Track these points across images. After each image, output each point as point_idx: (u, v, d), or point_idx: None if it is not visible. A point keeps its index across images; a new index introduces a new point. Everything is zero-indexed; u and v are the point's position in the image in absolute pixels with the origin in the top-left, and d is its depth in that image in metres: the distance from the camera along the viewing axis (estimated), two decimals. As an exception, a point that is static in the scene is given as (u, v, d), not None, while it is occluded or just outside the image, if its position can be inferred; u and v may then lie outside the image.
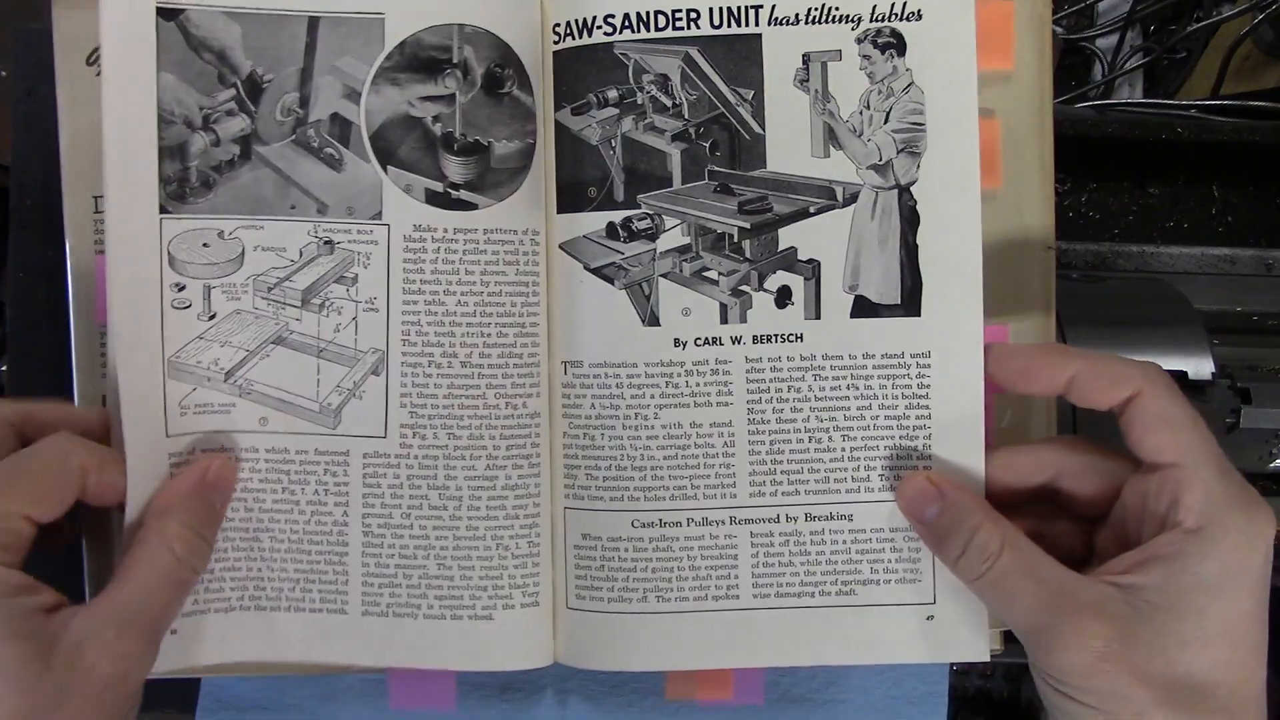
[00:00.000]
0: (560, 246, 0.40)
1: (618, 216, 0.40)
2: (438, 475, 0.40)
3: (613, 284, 0.40)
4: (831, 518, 0.40)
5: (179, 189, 0.39)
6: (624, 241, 0.40)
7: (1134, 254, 0.62)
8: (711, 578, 0.41)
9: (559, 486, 0.42)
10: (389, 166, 0.40)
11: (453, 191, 0.40)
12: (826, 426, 0.40)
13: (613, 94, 0.40)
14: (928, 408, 0.39)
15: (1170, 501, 0.34)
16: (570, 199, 0.40)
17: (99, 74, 0.39)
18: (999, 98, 0.41)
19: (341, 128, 0.40)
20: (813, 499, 0.40)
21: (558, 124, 0.40)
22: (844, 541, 0.40)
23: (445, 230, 0.40)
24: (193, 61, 0.39)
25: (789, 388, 0.40)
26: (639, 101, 0.40)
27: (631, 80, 0.40)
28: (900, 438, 0.40)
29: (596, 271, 0.40)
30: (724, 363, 0.40)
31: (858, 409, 0.40)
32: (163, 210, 0.39)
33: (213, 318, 0.40)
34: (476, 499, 0.40)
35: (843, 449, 0.40)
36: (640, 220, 0.40)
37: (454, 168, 0.40)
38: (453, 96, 0.40)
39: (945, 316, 0.39)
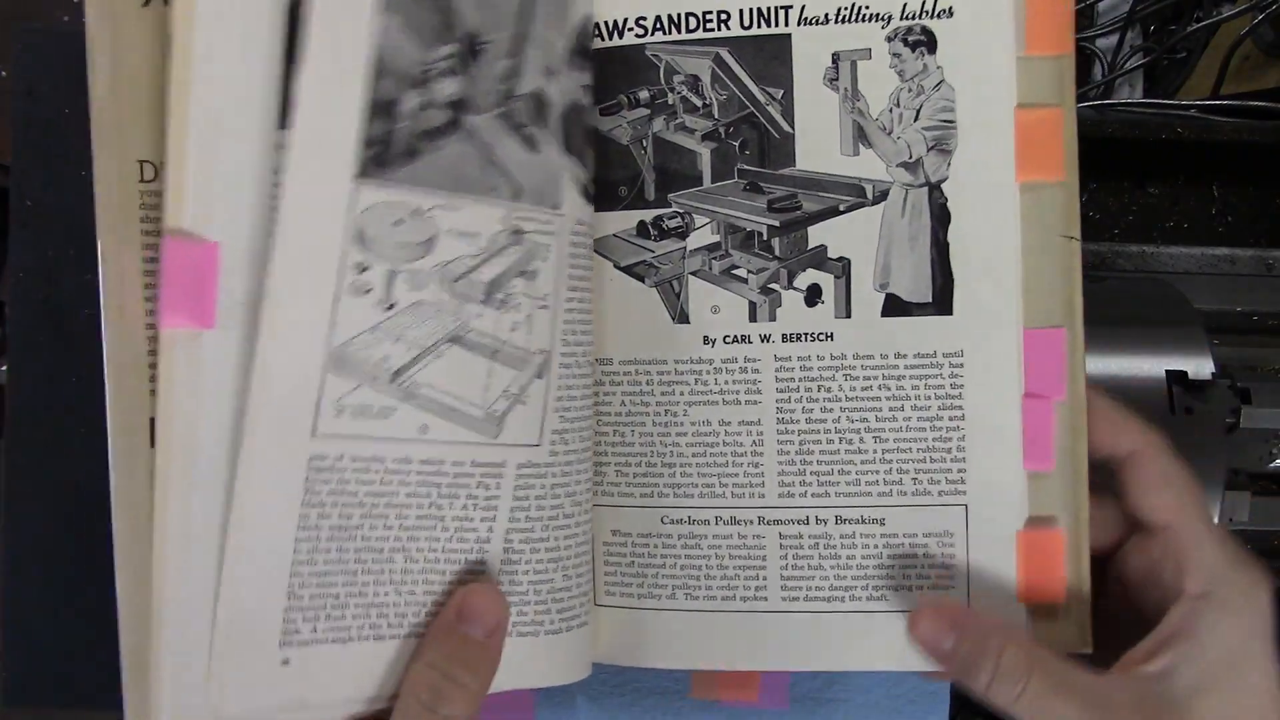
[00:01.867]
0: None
1: (648, 215, 0.40)
2: (572, 483, 0.39)
3: (643, 281, 0.40)
4: (863, 521, 0.40)
5: (381, 153, 0.34)
6: (654, 240, 0.40)
7: (1134, 254, 0.63)
8: (740, 578, 0.40)
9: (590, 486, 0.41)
10: (569, 155, 0.38)
11: (589, 186, 0.40)
12: (858, 427, 0.39)
13: (644, 94, 0.40)
14: (961, 409, 0.39)
15: (1175, 567, 0.35)
16: (602, 198, 0.40)
17: (164, 3, 0.33)
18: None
19: (539, 106, 0.38)
20: (843, 501, 0.40)
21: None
22: (875, 546, 0.39)
23: (585, 225, 0.39)
24: (418, 6, 0.35)
25: (819, 387, 0.39)
26: (670, 102, 0.40)
27: (662, 81, 0.40)
28: (933, 440, 0.39)
29: (627, 269, 0.40)
30: (753, 361, 0.40)
31: (889, 410, 0.39)
32: (361, 175, 0.34)
33: (391, 307, 0.35)
34: (587, 503, 0.40)
35: (874, 451, 0.39)
36: (671, 219, 0.40)
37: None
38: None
39: (978, 315, 0.39)
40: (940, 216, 0.39)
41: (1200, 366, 0.51)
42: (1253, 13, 0.67)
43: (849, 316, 0.39)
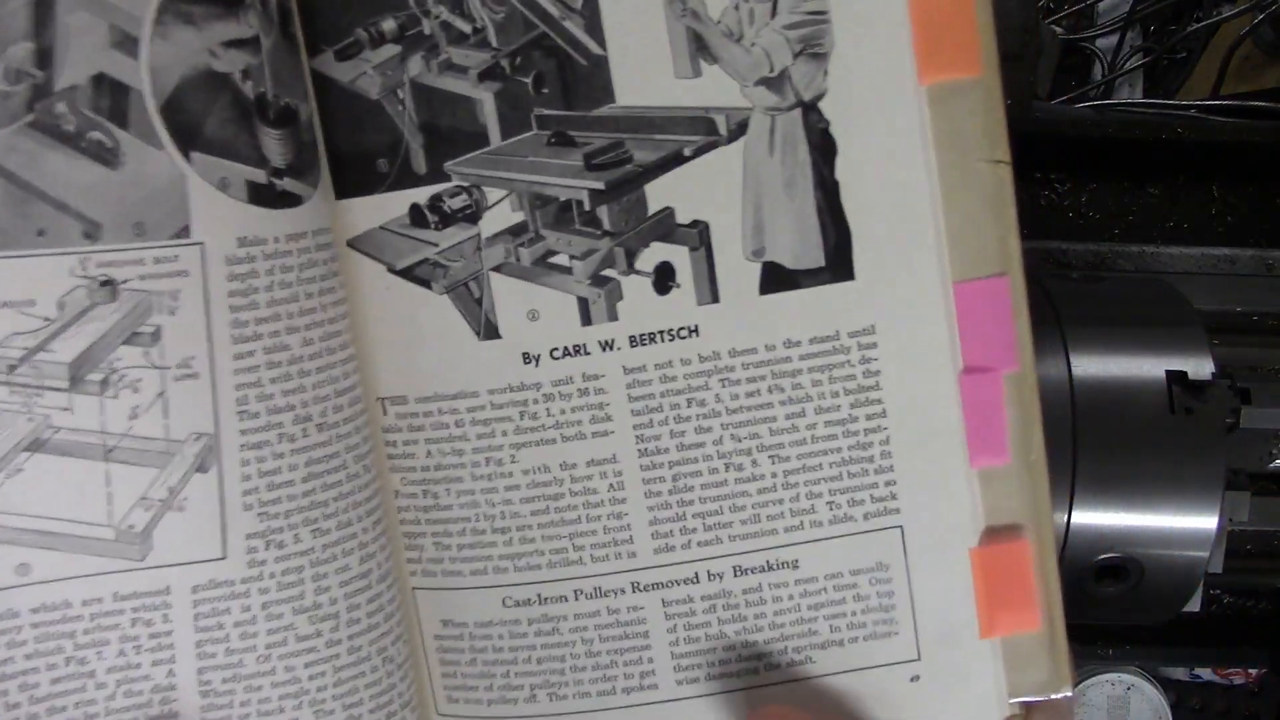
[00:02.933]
0: (349, 244, 0.30)
1: (422, 195, 0.30)
2: (305, 593, 0.29)
3: (429, 288, 0.30)
4: (769, 568, 0.31)
5: None
6: (436, 229, 0.30)
7: (1134, 254, 0.62)
8: (618, 664, 0.32)
9: (401, 562, 0.32)
10: (193, 152, 0.27)
11: (276, 181, 0.28)
12: (747, 448, 0.30)
13: (389, 25, 0.29)
14: (880, 402, 0.30)
15: None
16: (354, 178, 0.30)
17: None
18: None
19: (113, 97, 0.27)
20: (741, 546, 0.31)
21: (318, 75, 0.30)
22: (790, 597, 0.31)
23: (277, 240, 0.28)
24: None
25: (688, 401, 0.30)
26: (426, 30, 0.29)
27: (412, 3, 0.29)
28: (849, 449, 0.30)
29: (406, 273, 0.30)
30: (594, 378, 0.30)
31: (786, 418, 0.30)
32: None
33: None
34: (355, 609, 0.30)
35: (773, 475, 0.30)
36: (453, 197, 0.30)
37: (272, 145, 0.28)
38: (257, 40, 0.28)
39: (888, 275, 0.30)
40: (822, 146, 0.30)
41: (1200, 366, 0.51)
42: (1253, 13, 0.67)
43: (716, 301, 0.30)
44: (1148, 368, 0.50)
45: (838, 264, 0.30)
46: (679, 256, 0.30)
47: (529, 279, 0.30)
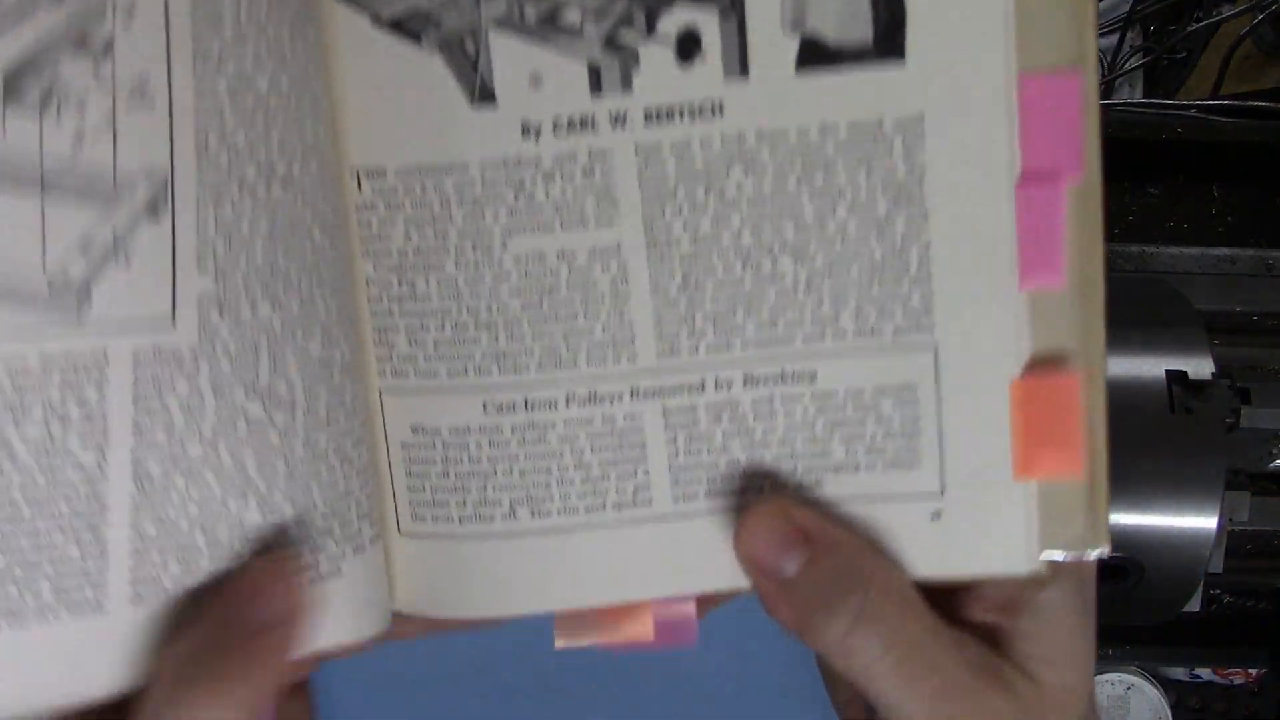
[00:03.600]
0: None
1: None
2: (260, 373, 0.26)
3: (418, 42, 0.26)
4: (784, 379, 0.28)
5: None
6: None
7: (1134, 254, 0.62)
8: (609, 478, 0.28)
9: (367, 360, 0.29)
10: None
11: None
12: (768, 245, 0.27)
13: None
14: (923, 204, 0.26)
15: None
16: None
17: None
18: None
19: None
20: (754, 353, 0.28)
21: None
22: (804, 413, 0.28)
23: None
24: None
25: (706, 189, 0.26)
26: None
27: None
28: (884, 254, 0.27)
29: (393, 25, 0.26)
30: (602, 156, 0.26)
31: (815, 215, 0.27)
32: None
33: None
34: (315, 399, 0.27)
35: (795, 277, 0.27)
36: None
37: None
38: None
39: (945, 59, 0.26)
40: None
41: (1200, 366, 0.51)
42: (1253, 13, 0.67)
43: (745, 74, 0.26)
44: (1148, 367, 0.50)
45: (887, 42, 0.26)
46: (707, 22, 0.26)
47: (533, 40, 0.26)
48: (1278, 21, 0.67)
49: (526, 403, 0.28)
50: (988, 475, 0.28)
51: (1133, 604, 0.48)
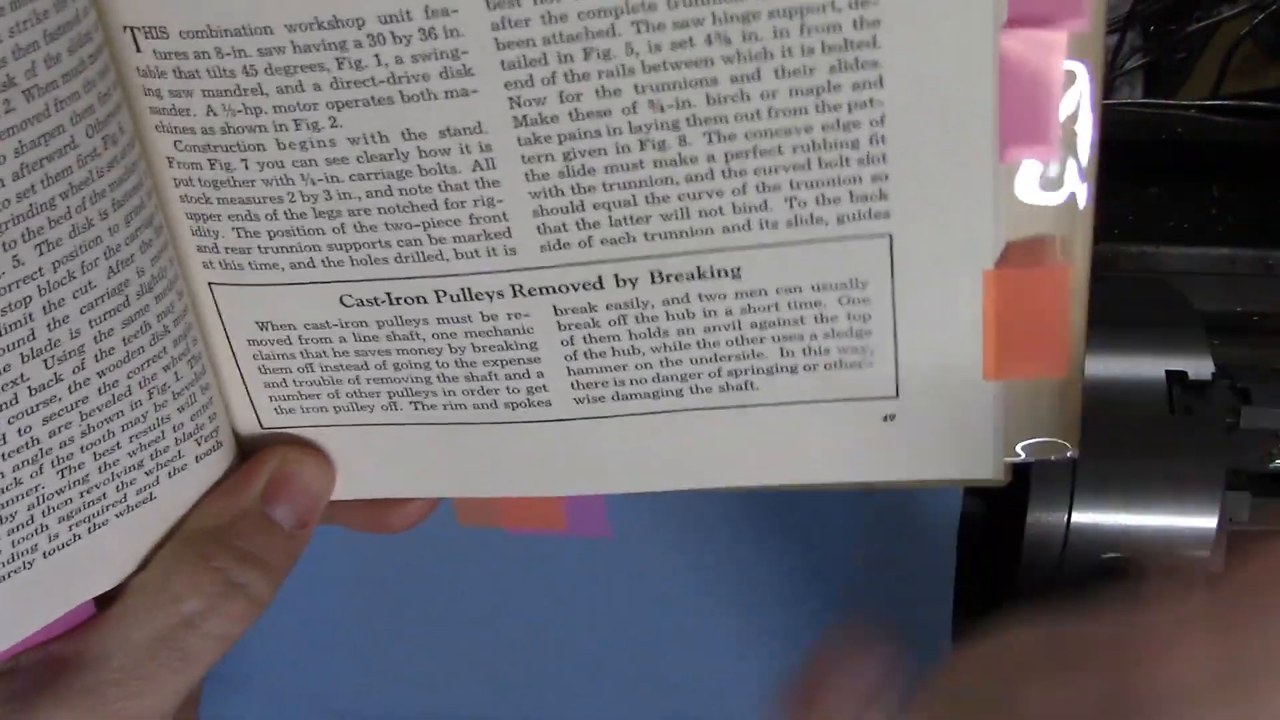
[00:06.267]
0: None
1: None
2: (36, 332, 0.22)
3: None
4: (699, 275, 0.24)
5: None
6: None
7: (1134, 254, 0.62)
8: (497, 377, 0.26)
9: (189, 250, 0.25)
10: None
11: None
12: (673, 120, 0.22)
13: None
14: (876, 66, 0.21)
15: None
16: None
17: None
18: None
19: None
20: (662, 248, 0.24)
21: None
22: (728, 312, 0.24)
23: None
24: None
25: (585, 52, 0.21)
26: None
27: None
28: (824, 128, 0.22)
29: None
30: (443, 14, 0.21)
31: (733, 81, 0.22)
32: None
33: None
34: (106, 337, 0.24)
35: (709, 158, 0.23)
36: None
37: None
38: None
39: None
40: None
41: (1200, 366, 0.51)
42: (1253, 13, 0.67)
43: None
44: (1148, 368, 0.50)
45: None
46: None
47: None
48: (1278, 21, 0.67)
49: (391, 297, 0.25)
50: (952, 376, 0.25)
51: (1133, 604, 0.48)
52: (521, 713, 0.43)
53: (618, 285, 0.24)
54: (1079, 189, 0.23)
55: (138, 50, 0.22)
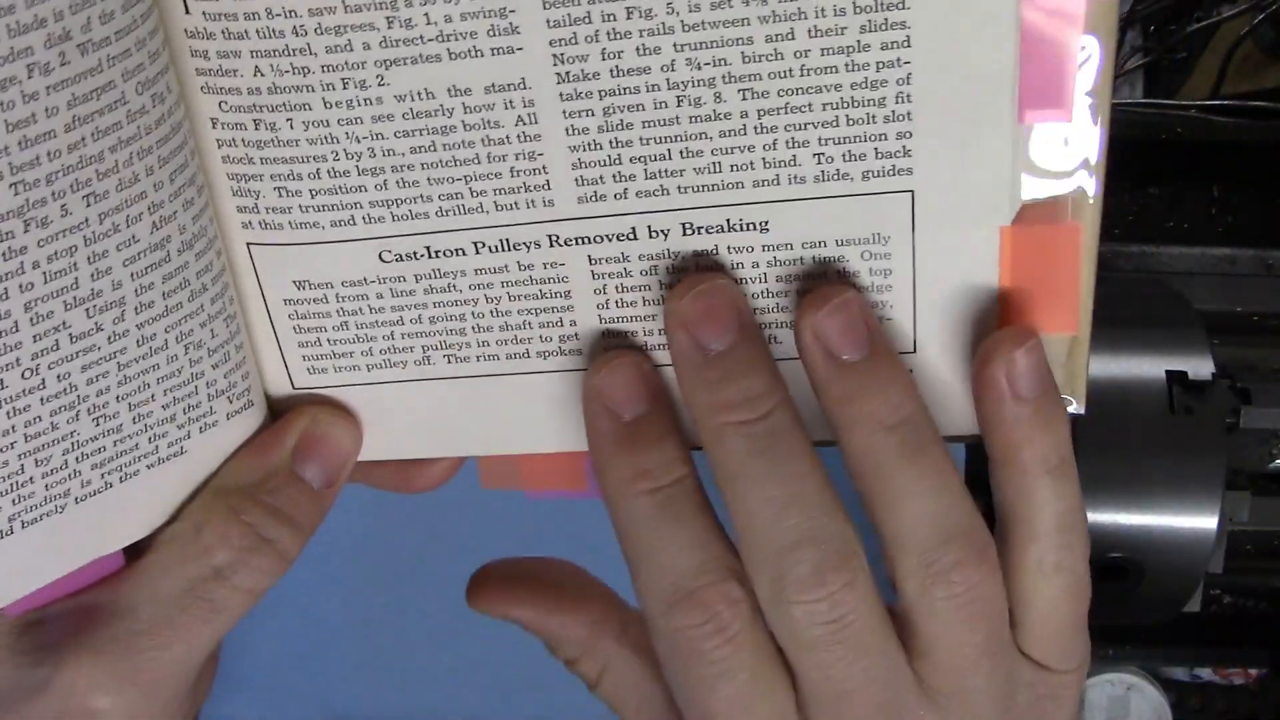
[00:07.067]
0: None
1: None
2: (79, 280, 0.23)
3: None
4: (729, 228, 0.25)
5: None
6: None
7: (1134, 254, 0.62)
8: (531, 326, 0.26)
9: (228, 211, 0.25)
10: None
11: None
12: (709, 77, 0.23)
13: None
14: (904, 27, 0.22)
15: None
16: None
17: None
18: None
19: None
20: (694, 200, 0.24)
21: None
22: (755, 265, 0.25)
23: None
24: None
25: (628, 11, 0.22)
26: None
27: None
28: (853, 86, 0.23)
29: None
30: None
31: (767, 40, 0.22)
32: None
33: None
34: (147, 290, 0.24)
35: (742, 115, 0.23)
36: None
37: None
38: None
39: None
40: None
41: (1200, 367, 0.51)
42: (1253, 13, 0.67)
43: None
44: (1148, 368, 0.50)
45: None
46: None
47: None
48: (1278, 21, 0.67)
49: (430, 250, 0.25)
50: (968, 331, 0.25)
51: (1133, 604, 0.48)
52: (522, 712, 0.43)
53: (650, 236, 0.25)
54: (1091, 152, 0.24)
55: (186, 12, 0.23)
